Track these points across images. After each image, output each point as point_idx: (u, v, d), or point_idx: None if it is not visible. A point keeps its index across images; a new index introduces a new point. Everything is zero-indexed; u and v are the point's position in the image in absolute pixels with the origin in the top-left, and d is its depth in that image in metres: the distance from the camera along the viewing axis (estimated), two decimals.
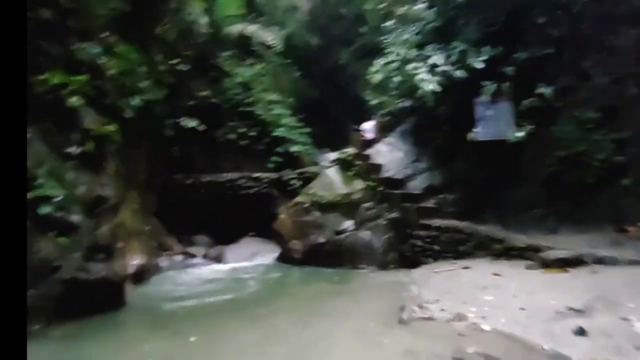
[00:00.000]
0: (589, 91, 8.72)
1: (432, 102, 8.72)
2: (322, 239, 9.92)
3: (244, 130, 15.40)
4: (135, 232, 8.39)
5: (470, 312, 4.58)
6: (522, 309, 4.46)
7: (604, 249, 6.39)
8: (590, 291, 4.78)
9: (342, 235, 9.69)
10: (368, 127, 14.45)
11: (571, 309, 4.26)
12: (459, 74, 8.10)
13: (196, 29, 12.82)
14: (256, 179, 13.55)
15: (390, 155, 10.97)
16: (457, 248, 8.15)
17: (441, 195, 9.78)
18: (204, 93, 12.70)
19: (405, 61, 8.30)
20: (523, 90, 8.48)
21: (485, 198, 9.34)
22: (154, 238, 10.77)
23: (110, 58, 8.21)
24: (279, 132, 15.72)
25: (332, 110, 23.14)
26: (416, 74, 7.84)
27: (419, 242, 8.77)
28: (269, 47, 20.28)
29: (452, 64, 8.18)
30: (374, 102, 12.64)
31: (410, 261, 8.77)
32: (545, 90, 8.02)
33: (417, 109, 11.27)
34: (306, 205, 10.53)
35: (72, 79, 6.29)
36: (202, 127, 11.84)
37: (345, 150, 11.23)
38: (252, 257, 11.47)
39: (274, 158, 15.10)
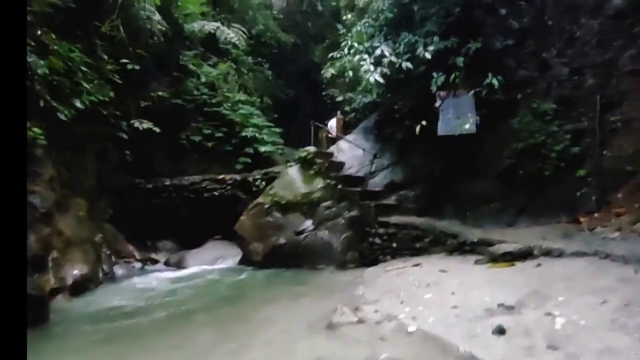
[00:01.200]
0: (549, 82, 8.68)
1: (375, 94, 8.58)
2: (282, 240, 9.72)
3: (209, 131, 15.12)
4: (78, 241, 8.06)
5: (404, 312, 4.44)
6: (455, 307, 4.33)
7: (554, 241, 6.31)
8: (528, 285, 4.69)
9: (301, 236, 9.51)
10: (333, 124, 14.31)
11: (502, 305, 4.14)
12: (407, 65, 7.94)
13: (153, 26, 12.44)
14: (220, 181, 13.26)
15: (351, 152, 10.80)
16: (414, 245, 8.04)
17: (402, 192, 9.66)
18: (161, 93, 12.35)
19: (356, 53, 8.12)
20: (476, 82, 8.38)
21: (445, 193, 9.26)
22: (109, 245, 10.45)
23: (43, 57, 7.87)
24: (247, 132, 15.46)
25: (309, 108, 22.93)
26: (361, 65, 7.66)
27: (378, 240, 8.63)
28: (236, 45, 20.04)
29: (400, 54, 8.02)
30: (339, 98, 12.45)
31: (369, 260, 8.63)
32: (493, 80, 7.92)
33: (379, 104, 11.15)
34: (267, 206, 10.31)
35: None
36: (157, 129, 11.43)
37: (306, 148, 11.02)
38: (214, 261, 11.24)
39: (242, 159, 14.87)
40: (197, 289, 7.90)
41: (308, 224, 9.60)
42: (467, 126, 9.05)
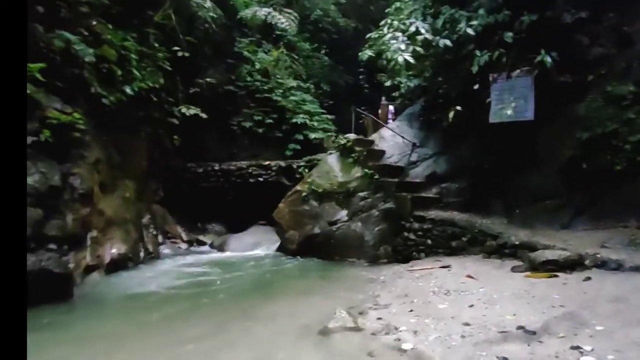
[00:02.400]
0: (629, 61, 7.30)
1: (404, 75, 7.63)
2: (317, 230, 9.32)
3: (260, 117, 15.06)
4: (120, 221, 8.25)
5: (408, 323, 3.83)
6: (467, 324, 3.63)
7: (614, 251, 5.25)
8: (565, 304, 3.84)
9: (335, 227, 9.02)
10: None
11: (522, 328, 3.38)
12: (445, 42, 6.97)
13: (204, 14, 12.44)
14: (265, 167, 13.11)
15: (393, 140, 10.02)
16: (449, 243, 7.24)
17: (444, 184, 8.76)
18: (209, 80, 12.33)
19: (395, 31, 7.30)
20: (532, 62, 7.22)
21: (493, 187, 8.23)
22: (157, 226, 10.72)
23: (95, 46, 8.05)
24: (297, 119, 15.21)
25: (369, 95, 22.09)
26: (393, 44, 6.85)
27: (412, 236, 7.91)
28: (293, 32, 19.76)
29: (439, 31, 7.07)
30: (388, 83, 11.65)
31: (403, 256, 7.96)
32: (546, 58, 6.74)
33: (426, 89, 10.21)
34: (304, 194, 9.94)
35: (29, 66, 6.09)
36: (204, 115, 11.46)
37: (346, 135, 10.43)
38: (254, 246, 11.14)
39: (292, 145, 14.69)
40: (225, 275, 7.75)
41: (342, 214, 9.09)
42: (523, 113, 7.93)
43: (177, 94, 11.64)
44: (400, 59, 6.65)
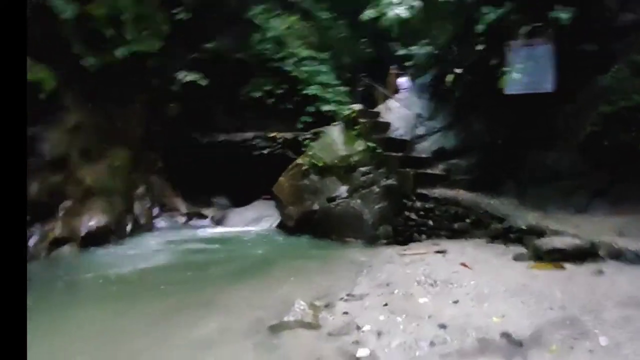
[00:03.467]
0: None
1: (434, 45, 6.81)
2: (316, 206, 8.75)
3: (270, 87, 14.36)
4: (103, 191, 7.87)
5: (375, 321, 3.26)
6: (443, 326, 3.03)
7: (633, 239, 4.47)
8: (565, 306, 3.18)
9: (333, 203, 8.43)
10: (399, 81, 12.61)
11: (507, 336, 2.75)
12: None
13: None
14: (271, 139, 12.54)
15: (400, 112, 9.22)
16: (452, 225, 6.54)
17: (452, 160, 7.99)
18: (209, 45, 11.64)
19: None
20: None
21: (506, 164, 7.41)
22: (153, 197, 10.39)
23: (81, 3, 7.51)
24: (310, 90, 14.42)
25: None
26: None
27: (413, 215, 7.24)
28: None
29: None
30: (401, 52, 10.71)
31: (404, 237, 7.32)
32: (561, 14, 5.80)
33: (438, 57, 9.28)
34: (304, 167, 9.34)
35: None
36: (204, 82, 10.84)
37: (351, 106, 9.66)
38: (254, 222, 10.74)
39: (303, 118, 13.95)
40: (213, 253, 7.37)
41: (342, 190, 8.47)
42: (541, 84, 7.02)
43: (177, 60, 11.02)
44: (391, 14, 5.81)
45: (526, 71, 7.29)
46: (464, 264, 4.57)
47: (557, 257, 4.28)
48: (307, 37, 17.22)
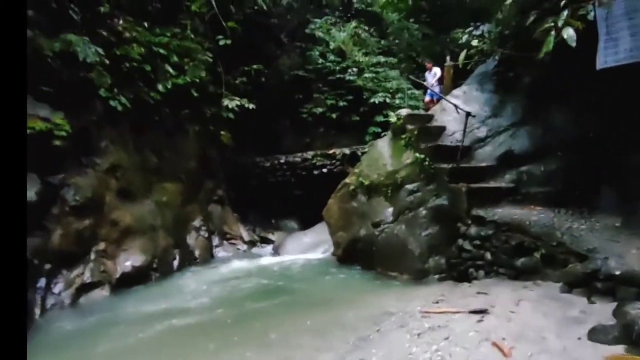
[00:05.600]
0: None
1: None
2: (362, 232, 7.36)
3: (333, 101, 13.39)
4: (144, 229, 7.57)
5: None
6: None
7: None
8: None
9: (378, 229, 6.92)
10: (433, 74, 10.56)
11: None
12: None
13: None
14: (330, 156, 11.45)
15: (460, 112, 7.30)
16: (513, 261, 4.61)
17: (524, 167, 5.89)
18: (255, 67, 11.03)
19: None
20: None
21: (602, 168, 5.17)
22: (211, 228, 10.02)
23: (111, 46, 7.50)
24: (376, 98, 13.16)
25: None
26: None
27: (467, 246, 5.40)
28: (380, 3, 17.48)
29: None
30: (463, 39, 8.79)
31: (458, 272, 5.54)
32: None
33: (505, 37, 7.21)
34: (352, 187, 8.01)
35: None
36: (251, 105, 10.22)
37: (399, 111, 8.02)
38: (311, 249, 9.69)
39: (371, 129, 12.87)
40: (246, 290, 6.54)
41: (387, 213, 6.94)
42: None
43: (228, 86, 10.59)
44: None
45: (627, 34, 5.08)
46: (496, 345, 2.84)
47: None
48: (373, 44, 15.90)
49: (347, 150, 11.27)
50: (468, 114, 5.88)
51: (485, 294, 4.10)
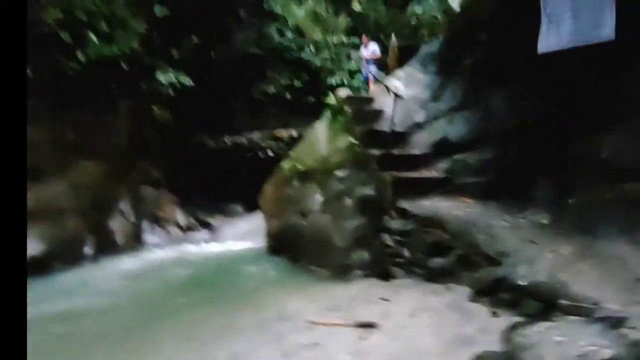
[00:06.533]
0: None
1: None
2: (291, 221, 6.72)
3: (288, 81, 12.58)
4: (50, 213, 6.73)
5: None
6: None
7: None
8: None
9: (306, 219, 6.30)
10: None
11: None
12: None
13: None
14: (277, 138, 10.74)
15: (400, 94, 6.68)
16: (428, 261, 4.06)
17: (459, 156, 5.34)
18: (195, 41, 10.06)
19: None
20: None
21: (540, 157, 4.67)
22: (145, 211, 9.19)
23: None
24: (334, 79, 12.42)
25: None
26: None
27: (389, 241, 4.84)
28: None
29: None
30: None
31: (381, 269, 4.99)
32: None
33: (450, 15, 6.61)
34: (287, 172, 7.34)
35: None
36: (189, 82, 9.30)
37: (337, 92, 7.35)
38: (246, 237, 8.95)
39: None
40: (162, 284, 5.79)
41: (316, 201, 6.32)
42: (595, 30, 4.25)
43: (161, 58, 9.57)
44: None
45: (569, 16, 4.58)
46: None
47: None
48: (334, 23, 15.07)
49: (295, 133, 10.56)
50: (396, 96, 5.24)
51: (387, 301, 3.53)
